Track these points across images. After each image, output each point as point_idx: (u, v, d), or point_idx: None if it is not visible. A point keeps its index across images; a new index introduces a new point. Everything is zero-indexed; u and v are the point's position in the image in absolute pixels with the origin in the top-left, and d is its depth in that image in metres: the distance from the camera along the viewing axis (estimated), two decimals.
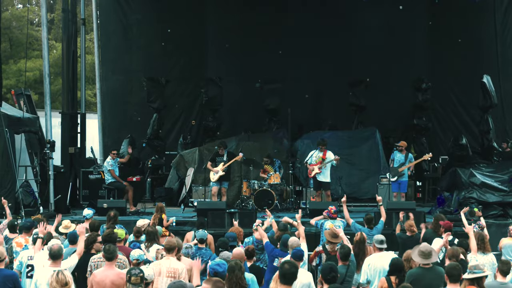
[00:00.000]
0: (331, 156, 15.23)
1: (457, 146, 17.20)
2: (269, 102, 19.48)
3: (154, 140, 19.04)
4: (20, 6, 38.32)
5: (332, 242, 9.39)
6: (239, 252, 8.23)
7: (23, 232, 10.08)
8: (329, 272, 6.98)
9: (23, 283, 8.60)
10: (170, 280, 7.67)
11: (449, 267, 7.09)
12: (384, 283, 7.77)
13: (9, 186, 14.69)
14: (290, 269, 6.49)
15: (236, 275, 6.61)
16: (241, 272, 6.69)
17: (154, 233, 9.74)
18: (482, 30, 20.14)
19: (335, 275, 7.02)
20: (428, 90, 19.02)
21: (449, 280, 6.95)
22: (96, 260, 8.28)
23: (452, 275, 6.93)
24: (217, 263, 6.77)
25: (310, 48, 20.02)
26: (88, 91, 30.68)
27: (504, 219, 14.27)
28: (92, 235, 9.07)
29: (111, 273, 7.63)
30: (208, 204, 14.84)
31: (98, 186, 16.77)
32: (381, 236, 9.19)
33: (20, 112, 16.49)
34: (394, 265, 7.82)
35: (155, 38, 20.78)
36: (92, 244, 8.88)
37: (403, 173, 15.43)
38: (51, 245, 8.01)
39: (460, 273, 6.95)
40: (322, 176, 15.25)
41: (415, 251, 7.87)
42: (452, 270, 6.98)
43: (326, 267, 7.13)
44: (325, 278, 6.96)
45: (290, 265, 6.56)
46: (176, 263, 8.03)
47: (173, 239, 8.67)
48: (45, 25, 16.01)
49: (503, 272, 7.61)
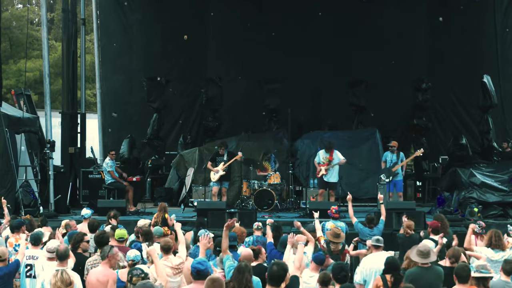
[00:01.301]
0: (339, 156, 15.24)
1: (457, 146, 17.20)
2: (269, 102, 19.48)
3: (154, 140, 19.04)
4: (20, 6, 38.32)
5: (335, 242, 9.42)
6: (248, 254, 7.93)
7: (14, 232, 10.10)
8: (340, 272, 7.01)
9: (22, 282, 8.61)
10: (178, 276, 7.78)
11: (459, 267, 7.12)
12: (379, 281, 7.77)
13: (9, 186, 14.69)
14: (278, 271, 6.48)
15: (246, 278, 6.50)
16: (251, 275, 6.59)
17: (149, 232, 9.75)
18: (482, 30, 20.14)
19: (346, 274, 7.05)
20: (428, 90, 19.02)
21: (458, 281, 6.98)
22: (92, 263, 8.36)
23: (461, 276, 6.96)
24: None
25: (310, 47, 20.04)
26: (88, 91, 30.70)
27: (504, 219, 14.28)
28: (79, 235, 9.13)
29: (99, 271, 7.79)
30: (208, 204, 14.85)
31: (98, 186, 16.77)
32: (377, 236, 9.22)
33: (20, 112, 16.49)
34: (389, 264, 7.83)
35: (155, 38, 20.78)
36: (78, 243, 8.92)
37: (397, 172, 15.45)
38: (58, 246, 8.05)
39: (469, 274, 6.97)
40: (329, 176, 15.28)
41: (414, 250, 7.88)
42: (461, 271, 7.01)
43: (337, 267, 7.17)
44: (336, 277, 7.00)
45: (278, 267, 6.54)
46: (176, 260, 8.10)
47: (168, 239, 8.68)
48: (45, 25, 16.00)
49: (506, 271, 7.60)
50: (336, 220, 11.36)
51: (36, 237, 9.04)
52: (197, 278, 6.56)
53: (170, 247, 8.23)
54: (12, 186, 14.70)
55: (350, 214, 11.55)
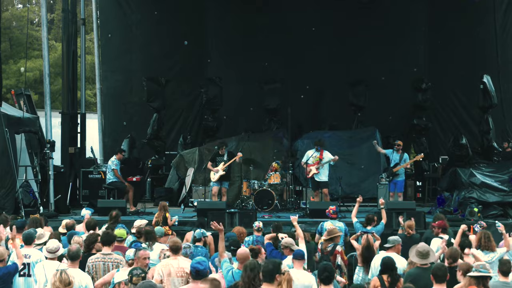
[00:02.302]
0: (329, 156, 15.24)
1: (457, 146, 17.19)
2: (269, 102, 19.48)
3: (154, 140, 19.03)
4: (20, 6, 38.35)
5: (327, 239, 9.48)
6: (244, 253, 7.90)
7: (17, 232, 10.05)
8: (323, 272, 7.01)
9: (15, 281, 8.58)
10: (181, 280, 7.69)
11: (436, 267, 7.12)
12: (376, 281, 7.80)
13: (9, 186, 14.68)
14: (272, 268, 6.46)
15: (259, 276, 6.50)
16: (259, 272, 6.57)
17: (151, 232, 9.74)
18: (482, 30, 20.13)
19: (329, 274, 7.03)
20: (428, 90, 19.03)
21: (435, 281, 6.97)
22: (93, 261, 8.32)
23: (437, 276, 6.96)
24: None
25: (310, 47, 20.04)
26: (88, 91, 30.70)
27: (504, 219, 14.26)
28: (93, 235, 9.07)
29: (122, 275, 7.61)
30: (208, 204, 14.84)
31: (98, 186, 16.78)
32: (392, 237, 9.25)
33: (20, 112, 16.48)
34: (385, 264, 7.85)
35: (155, 38, 20.77)
36: (93, 244, 8.88)
37: (397, 173, 15.45)
38: (69, 247, 8.03)
39: (445, 274, 6.96)
40: (320, 175, 15.28)
41: (413, 251, 7.88)
42: (437, 270, 7.01)
43: (321, 267, 7.17)
44: (320, 277, 7.01)
45: (272, 264, 6.55)
46: (184, 262, 7.99)
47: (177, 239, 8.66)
48: (45, 25, 15.99)
49: (504, 272, 7.59)
50: (334, 220, 11.37)
51: (29, 236, 9.00)
52: (196, 278, 6.56)
53: (179, 248, 8.19)
54: (12, 186, 14.69)
55: (353, 214, 11.53)
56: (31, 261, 8.61)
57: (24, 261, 8.62)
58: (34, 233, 9.21)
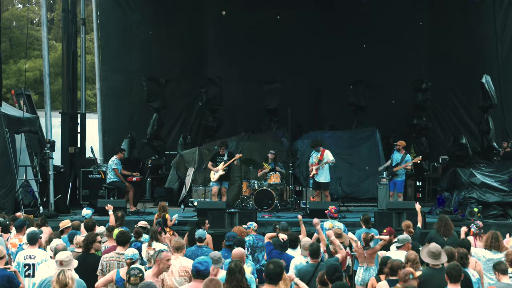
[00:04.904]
0: (328, 156, 15.23)
1: (457, 146, 17.20)
2: (269, 102, 19.48)
3: (154, 140, 19.03)
4: (20, 6, 38.34)
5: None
6: (238, 252, 7.89)
7: (16, 232, 10.06)
8: (334, 273, 7.00)
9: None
10: (184, 279, 7.68)
11: (450, 267, 7.09)
12: (374, 282, 7.77)
13: (9, 186, 14.69)
14: (274, 269, 6.49)
15: (237, 278, 6.40)
16: (242, 274, 6.48)
17: (155, 232, 9.75)
18: (482, 30, 20.13)
19: (340, 275, 7.03)
20: (428, 90, 19.04)
21: (450, 281, 6.97)
22: (108, 259, 8.29)
23: (452, 276, 6.94)
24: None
25: (311, 47, 20.04)
26: (88, 91, 30.71)
27: (504, 219, 14.28)
28: (91, 235, 9.05)
29: (147, 275, 7.36)
30: (208, 204, 14.83)
31: (98, 186, 16.78)
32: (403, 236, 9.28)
33: (20, 112, 16.49)
34: (383, 264, 7.82)
35: (155, 38, 20.77)
36: (91, 244, 8.87)
37: (397, 173, 15.45)
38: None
39: (459, 274, 6.94)
40: (320, 176, 15.27)
41: (424, 251, 7.78)
42: (451, 270, 6.99)
43: (331, 268, 7.14)
44: (330, 278, 6.99)
45: (275, 265, 6.56)
46: (186, 261, 7.98)
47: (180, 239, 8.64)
48: (45, 25, 15.99)
49: (502, 270, 7.56)
50: (334, 220, 11.35)
51: (32, 237, 8.96)
52: (197, 278, 6.56)
53: (182, 247, 8.18)
54: (12, 186, 14.69)
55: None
56: (36, 261, 8.54)
57: (28, 262, 8.59)
58: (38, 233, 9.19)
